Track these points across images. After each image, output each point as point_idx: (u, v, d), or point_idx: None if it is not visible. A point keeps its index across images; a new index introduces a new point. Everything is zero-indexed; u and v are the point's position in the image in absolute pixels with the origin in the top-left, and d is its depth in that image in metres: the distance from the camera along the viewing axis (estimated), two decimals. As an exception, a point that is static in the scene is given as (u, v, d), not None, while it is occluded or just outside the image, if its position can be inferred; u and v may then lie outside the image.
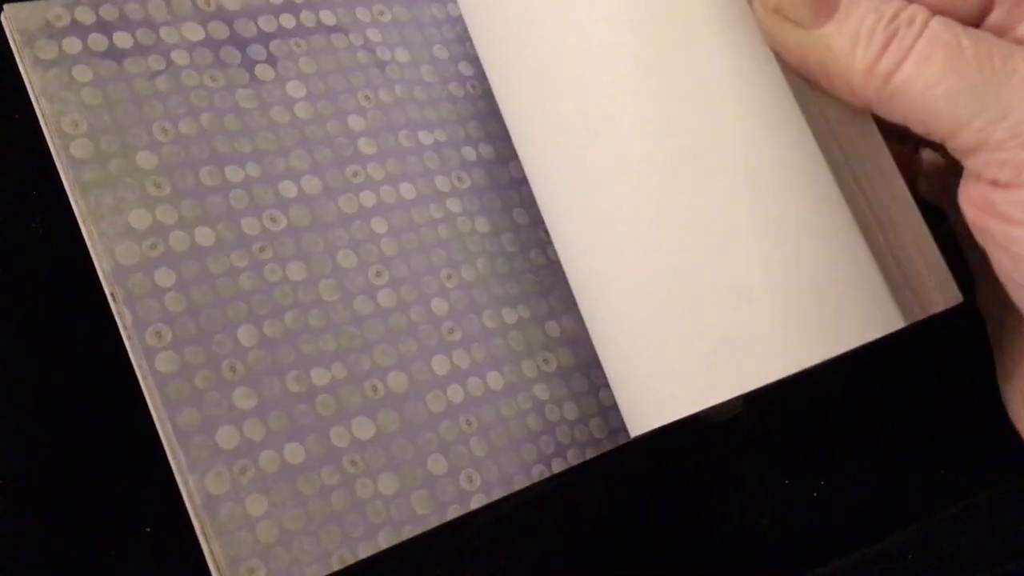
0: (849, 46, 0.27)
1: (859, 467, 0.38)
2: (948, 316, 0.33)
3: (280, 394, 0.30)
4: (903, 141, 0.35)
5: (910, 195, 0.28)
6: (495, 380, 0.33)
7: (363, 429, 0.31)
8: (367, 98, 0.35)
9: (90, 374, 0.33)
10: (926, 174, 0.36)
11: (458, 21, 0.37)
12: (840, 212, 0.27)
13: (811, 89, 0.28)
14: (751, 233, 0.28)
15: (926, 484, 0.38)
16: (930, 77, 0.25)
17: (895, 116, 0.27)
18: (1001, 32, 0.27)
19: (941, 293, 0.28)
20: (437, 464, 0.32)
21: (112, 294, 0.29)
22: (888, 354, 0.28)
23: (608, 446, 0.34)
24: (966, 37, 0.26)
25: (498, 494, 0.32)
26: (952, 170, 0.34)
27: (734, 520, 0.37)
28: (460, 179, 0.35)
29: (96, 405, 0.33)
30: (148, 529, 0.32)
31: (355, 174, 0.33)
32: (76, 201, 0.30)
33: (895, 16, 0.26)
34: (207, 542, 0.28)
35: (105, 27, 0.32)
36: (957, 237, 0.34)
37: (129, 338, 0.29)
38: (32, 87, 0.30)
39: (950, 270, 0.29)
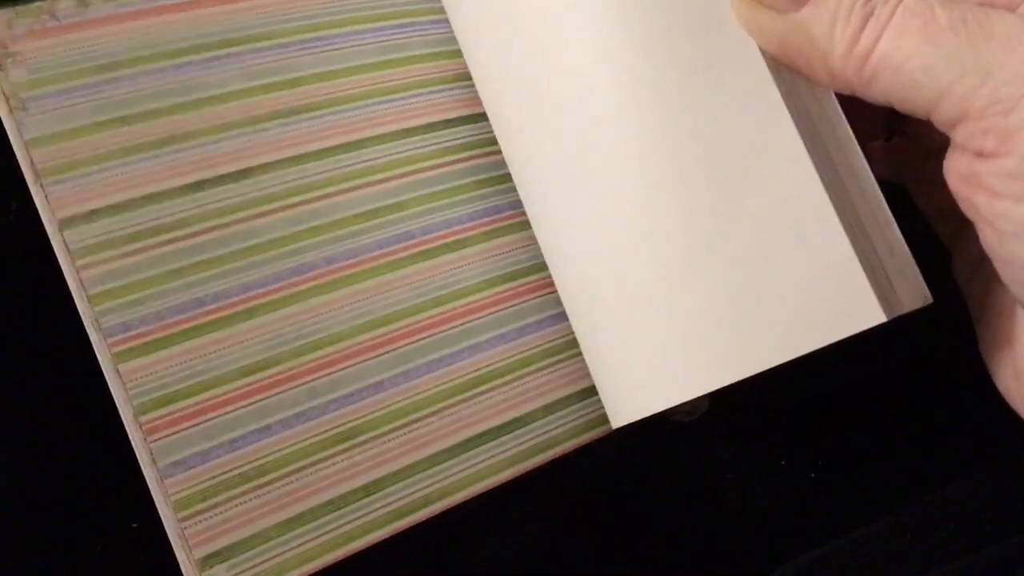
0: (828, 29, 0.26)
1: (856, 447, 0.38)
2: (941, 294, 0.32)
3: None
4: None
5: (881, 193, 0.28)
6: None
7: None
8: None
9: (71, 364, 0.32)
10: (886, 154, 0.36)
11: None
12: (823, 208, 0.27)
13: (790, 80, 0.28)
14: (733, 229, 0.28)
15: (924, 463, 0.37)
16: (907, 50, 0.25)
17: (877, 96, 0.26)
18: None
19: (910, 293, 0.27)
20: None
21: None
22: (883, 335, 0.28)
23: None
24: (940, 6, 0.25)
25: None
26: (917, 149, 0.33)
27: (730, 501, 0.37)
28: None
29: (79, 398, 0.32)
30: (135, 524, 0.32)
31: None
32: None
33: None
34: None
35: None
36: (923, 211, 0.34)
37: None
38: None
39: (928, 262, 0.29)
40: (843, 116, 0.28)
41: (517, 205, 0.35)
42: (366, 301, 0.32)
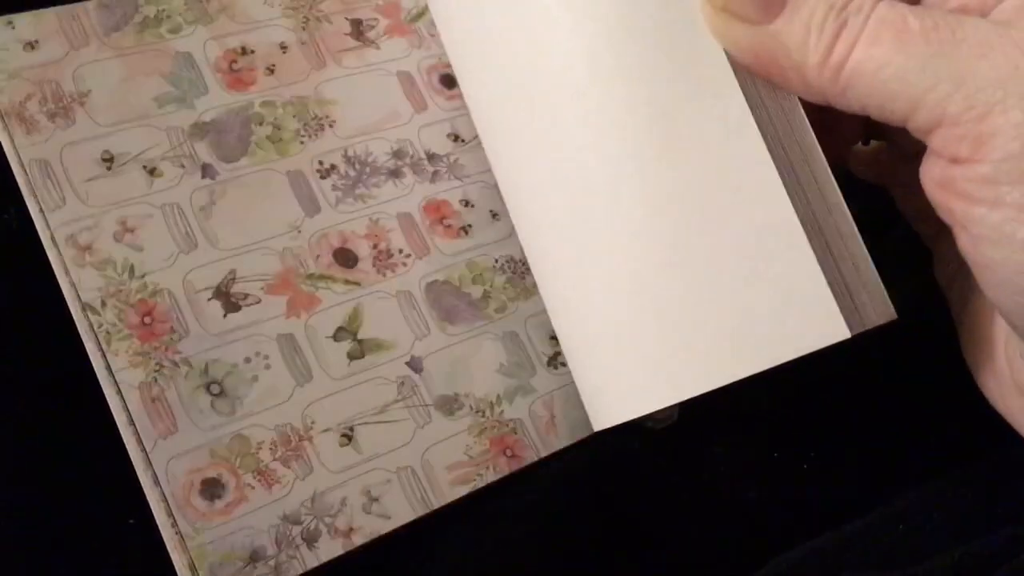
0: (801, 39, 0.26)
1: (848, 440, 0.38)
2: (926, 291, 0.32)
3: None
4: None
5: (847, 208, 0.28)
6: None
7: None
8: None
9: (68, 365, 0.33)
10: (867, 157, 0.35)
11: None
12: (789, 223, 0.27)
13: (758, 95, 0.28)
14: (702, 243, 0.28)
15: (915, 454, 0.37)
16: (880, 59, 0.25)
17: (853, 106, 0.26)
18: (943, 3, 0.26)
19: (874, 308, 0.27)
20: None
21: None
22: (872, 332, 0.28)
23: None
24: (912, 15, 0.25)
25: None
26: (896, 151, 0.33)
27: (724, 494, 0.37)
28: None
29: (76, 397, 0.33)
30: (132, 521, 0.32)
31: None
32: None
33: (845, 5, 0.25)
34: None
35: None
36: (904, 213, 0.34)
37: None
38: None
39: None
40: (811, 130, 0.28)
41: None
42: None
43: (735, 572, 0.34)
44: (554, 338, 0.36)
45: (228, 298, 0.33)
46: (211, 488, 0.30)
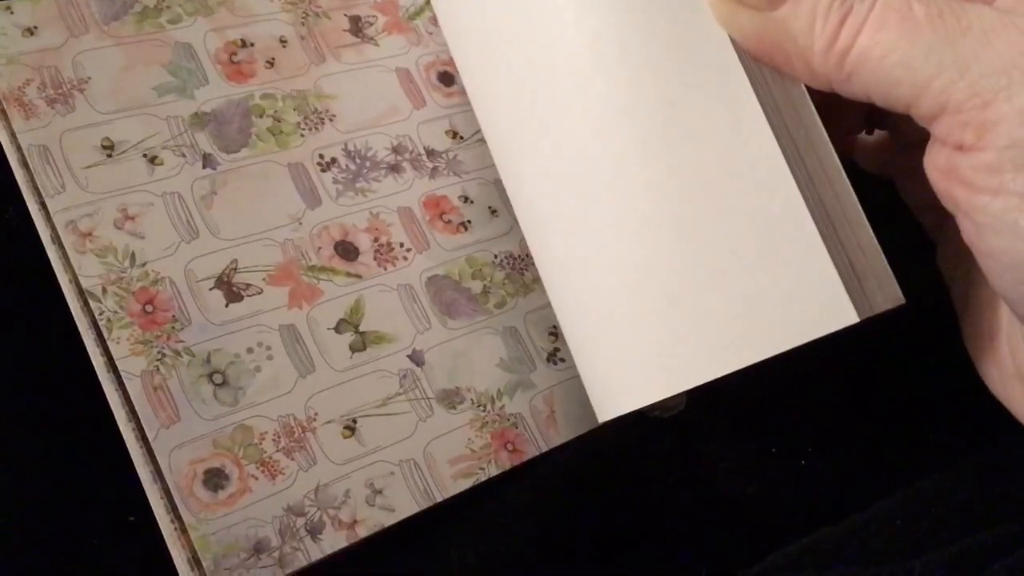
0: (807, 25, 0.26)
1: (845, 436, 0.38)
2: (928, 282, 0.33)
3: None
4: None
5: (854, 194, 0.28)
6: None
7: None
8: None
9: (68, 364, 0.32)
10: (871, 147, 0.36)
11: None
12: (797, 210, 0.27)
13: (765, 82, 0.28)
14: (708, 231, 0.28)
15: (912, 450, 0.38)
16: (885, 45, 0.25)
17: (857, 92, 0.26)
18: None
19: (882, 293, 0.28)
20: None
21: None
22: (871, 323, 0.28)
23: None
24: (917, 2, 0.25)
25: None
26: (900, 141, 0.33)
27: (722, 489, 0.37)
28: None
29: (75, 396, 0.32)
30: (132, 518, 0.32)
31: None
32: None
33: None
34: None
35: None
36: (908, 204, 0.34)
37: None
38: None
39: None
40: (817, 117, 0.28)
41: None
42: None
43: (733, 567, 0.34)
44: (553, 334, 0.36)
45: (230, 288, 0.32)
46: (214, 478, 0.30)
